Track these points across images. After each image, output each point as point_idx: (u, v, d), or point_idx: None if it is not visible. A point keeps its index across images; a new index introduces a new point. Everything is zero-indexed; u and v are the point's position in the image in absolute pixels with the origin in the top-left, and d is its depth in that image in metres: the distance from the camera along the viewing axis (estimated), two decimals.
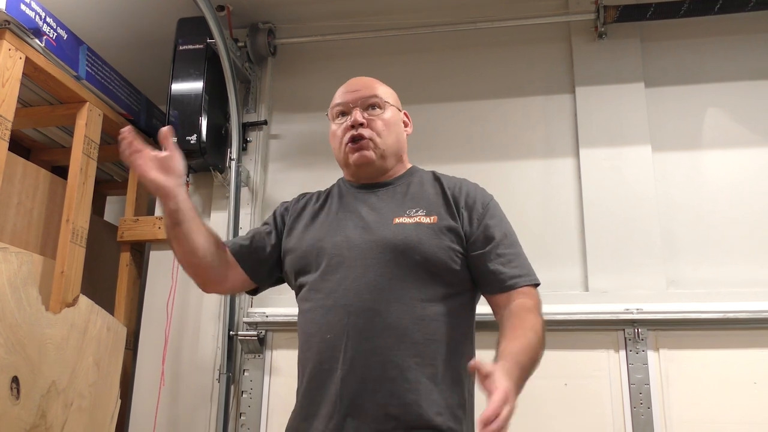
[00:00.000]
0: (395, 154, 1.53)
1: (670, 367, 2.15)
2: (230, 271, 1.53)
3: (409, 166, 1.58)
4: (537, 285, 1.42)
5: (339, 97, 1.55)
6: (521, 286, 1.38)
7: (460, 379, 1.36)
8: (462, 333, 1.39)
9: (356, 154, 1.48)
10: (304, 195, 1.65)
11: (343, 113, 1.52)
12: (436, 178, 1.53)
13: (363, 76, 1.59)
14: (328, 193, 1.60)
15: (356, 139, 1.48)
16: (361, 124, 1.47)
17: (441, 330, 1.34)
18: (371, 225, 1.41)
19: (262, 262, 1.55)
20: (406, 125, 1.59)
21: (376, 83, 1.56)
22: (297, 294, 1.50)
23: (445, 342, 1.34)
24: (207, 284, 1.55)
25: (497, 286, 1.39)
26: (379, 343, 1.30)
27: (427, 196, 1.46)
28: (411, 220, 1.40)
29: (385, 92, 1.55)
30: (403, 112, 1.60)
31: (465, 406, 1.36)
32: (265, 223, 1.62)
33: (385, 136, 1.50)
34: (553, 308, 2.23)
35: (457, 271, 1.38)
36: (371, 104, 1.51)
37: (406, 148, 1.58)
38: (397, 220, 1.40)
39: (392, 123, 1.52)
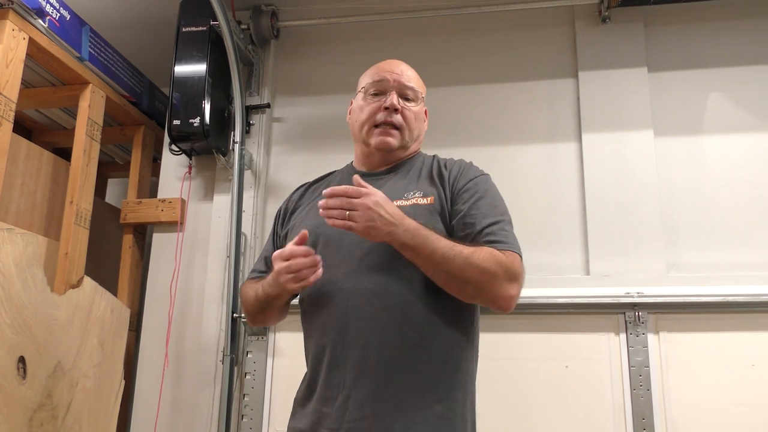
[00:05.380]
0: (411, 146, 1.54)
1: (670, 349, 2.17)
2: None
3: (418, 150, 1.59)
4: (518, 254, 1.35)
5: (377, 74, 1.53)
6: (500, 249, 1.31)
7: (459, 360, 1.36)
8: (461, 314, 1.39)
9: (380, 138, 1.48)
10: (301, 186, 1.66)
11: (378, 93, 1.51)
12: (436, 161, 1.53)
13: (399, 60, 1.57)
14: (330, 180, 1.61)
15: (386, 125, 1.48)
16: (396, 110, 1.48)
17: (440, 311, 1.35)
18: None
19: None
20: (424, 121, 1.59)
21: (413, 72, 1.55)
22: None
23: (444, 323, 1.35)
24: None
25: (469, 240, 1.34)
26: (379, 323, 1.31)
27: (424, 178, 1.47)
28: (408, 203, 1.40)
29: (420, 85, 1.55)
30: (425, 109, 1.60)
31: (463, 387, 1.36)
32: (271, 239, 1.64)
33: (413, 128, 1.51)
34: (554, 292, 2.25)
35: None
36: (408, 94, 1.51)
37: (421, 143, 1.58)
38: (396, 203, 1.39)
39: (420, 117, 1.54)
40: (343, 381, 1.31)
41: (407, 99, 1.51)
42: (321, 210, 1.26)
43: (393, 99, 1.47)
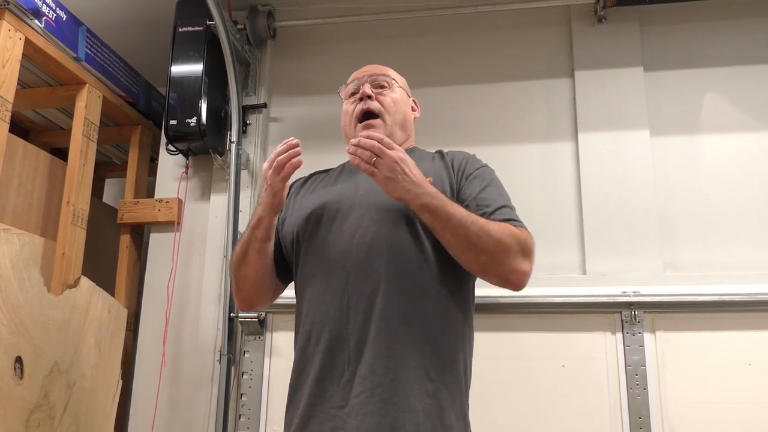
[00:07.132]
0: (402, 129, 1.58)
1: (667, 349, 2.17)
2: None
3: (413, 145, 1.62)
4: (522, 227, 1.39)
5: (351, 77, 1.62)
6: (513, 225, 1.36)
7: (454, 341, 1.38)
8: (458, 295, 1.41)
9: (365, 132, 1.48)
10: (312, 174, 1.68)
11: (354, 92, 1.57)
12: (438, 152, 1.58)
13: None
14: (331, 170, 1.66)
15: (366, 116, 1.52)
16: (369, 97, 1.53)
17: (437, 290, 1.36)
18: (368, 191, 1.44)
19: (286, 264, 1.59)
20: (413, 110, 1.62)
21: (388, 68, 1.63)
22: (295, 262, 1.51)
23: (441, 303, 1.37)
24: (258, 304, 1.60)
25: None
26: (378, 298, 1.33)
27: (425, 163, 1.50)
28: None
29: (395, 74, 1.61)
30: (411, 99, 1.62)
31: (456, 375, 1.37)
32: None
33: (393, 112, 1.55)
34: (551, 291, 2.25)
35: None
36: (381, 82, 1.57)
37: (413, 129, 1.61)
38: None
39: (400, 102, 1.58)
40: (348, 358, 1.32)
41: (382, 87, 1.57)
42: (352, 146, 1.30)
43: (365, 88, 1.54)
